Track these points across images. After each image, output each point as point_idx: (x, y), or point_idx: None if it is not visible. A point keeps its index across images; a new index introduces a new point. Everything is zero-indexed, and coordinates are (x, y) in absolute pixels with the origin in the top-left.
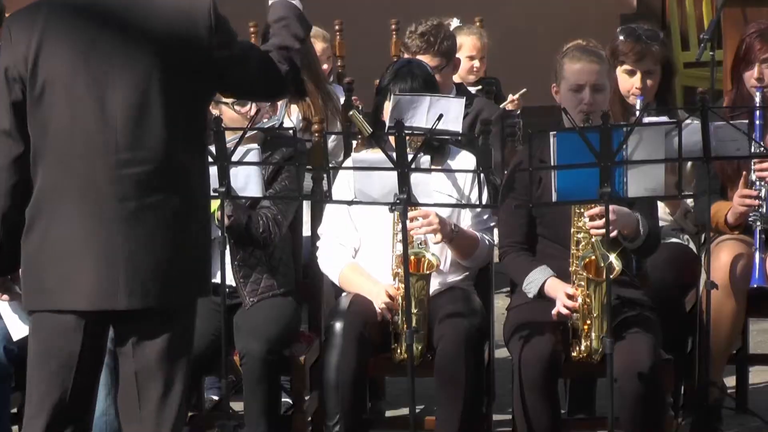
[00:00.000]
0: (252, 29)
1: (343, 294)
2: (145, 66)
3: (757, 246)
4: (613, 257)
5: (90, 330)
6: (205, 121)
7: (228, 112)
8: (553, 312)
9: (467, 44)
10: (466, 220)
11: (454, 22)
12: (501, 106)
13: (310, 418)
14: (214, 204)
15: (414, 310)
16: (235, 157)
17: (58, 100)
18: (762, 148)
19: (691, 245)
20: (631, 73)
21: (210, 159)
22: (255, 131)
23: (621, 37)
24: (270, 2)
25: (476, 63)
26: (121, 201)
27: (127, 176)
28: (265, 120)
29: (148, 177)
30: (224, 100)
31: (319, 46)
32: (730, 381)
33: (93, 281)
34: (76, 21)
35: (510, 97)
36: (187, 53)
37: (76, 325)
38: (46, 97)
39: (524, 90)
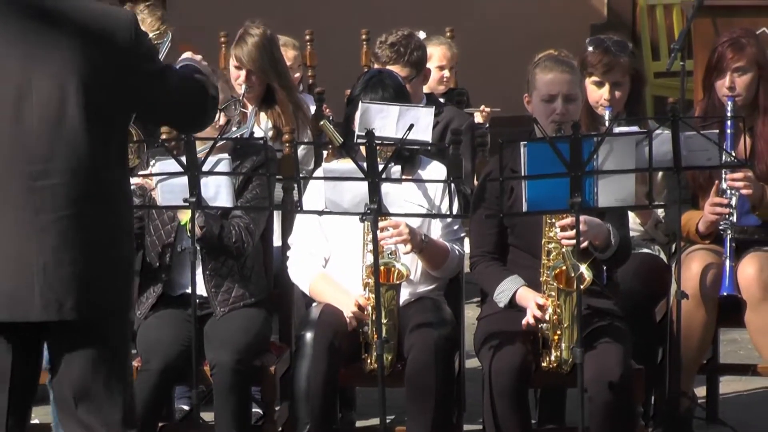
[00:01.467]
0: (222, 39)
1: (314, 304)
2: (62, 77)
3: (728, 254)
4: (583, 267)
5: (19, 345)
6: (126, 136)
7: None
8: (523, 322)
9: (437, 54)
10: (436, 230)
11: (421, 35)
12: (470, 111)
13: (280, 429)
14: (186, 214)
15: (384, 320)
16: (205, 167)
17: None
18: (733, 158)
19: (662, 255)
20: (600, 85)
21: (181, 169)
22: (225, 141)
23: (589, 49)
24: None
25: (446, 73)
26: (37, 213)
27: (43, 188)
28: (235, 129)
29: (64, 189)
30: None
31: (289, 54)
32: (701, 391)
33: (8, 292)
34: None
35: (482, 107)
36: (106, 63)
37: (3, 339)
38: None
39: (497, 109)
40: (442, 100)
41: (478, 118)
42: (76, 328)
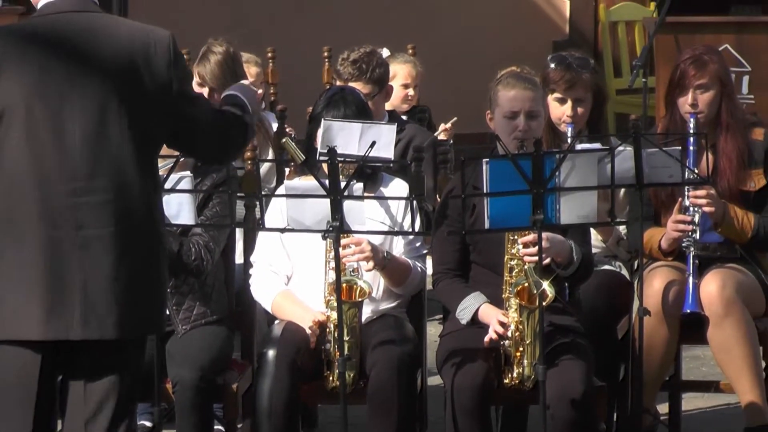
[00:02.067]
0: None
1: (276, 321)
2: (102, 94)
3: (691, 271)
4: (545, 284)
5: (47, 363)
6: (157, 157)
7: None
8: (485, 339)
9: (401, 73)
10: (398, 247)
11: (384, 53)
12: (434, 135)
13: None
14: None
15: (346, 338)
16: (167, 185)
17: (16, 128)
18: (695, 175)
19: (624, 272)
20: (562, 101)
21: None
22: (186, 158)
23: (551, 65)
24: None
25: (410, 91)
26: (78, 229)
27: (85, 204)
28: None
29: (105, 206)
30: None
31: (252, 71)
32: (663, 408)
33: (47, 310)
34: (33, 48)
35: (442, 126)
36: (146, 82)
37: (32, 359)
38: (4, 124)
39: (455, 119)
40: (404, 117)
41: (442, 136)
42: (105, 346)
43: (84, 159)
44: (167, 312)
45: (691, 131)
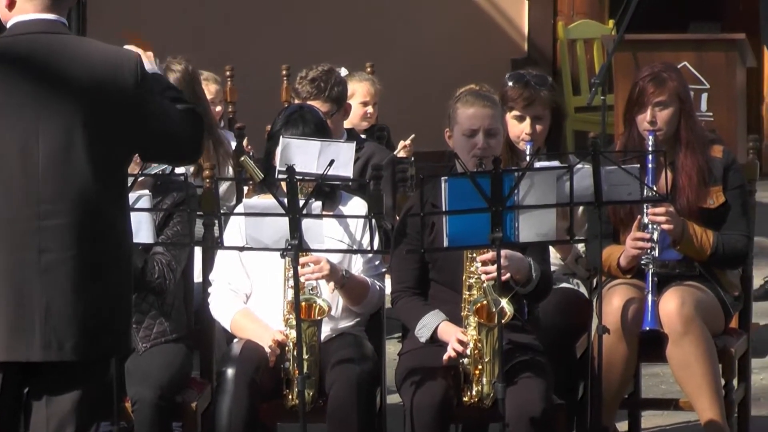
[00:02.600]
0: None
1: (235, 340)
2: (68, 116)
3: (650, 289)
4: (504, 302)
5: (9, 383)
6: (126, 177)
7: None
8: (444, 357)
9: (360, 91)
10: (357, 265)
11: (342, 72)
12: (394, 153)
13: None
14: None
15: (305, 356)
16: None
17: None
18: (654, 192)
19: (582, 290)
20: (520, 119)
21: None
22: (145, 177)
23: (509, 83)
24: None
25: (369, 109)
26: (41, 253)
27: (49, 228)
28: (155, 165)
29: (69, 229)
30: None
31: (211, 89)
32: (623, 425)
33: (9, 332)
34: (1, 69)
35: (402, 143)
36: (112, 105)
37: None
38: None
39: (413, 135)
40: (363, 136)
41: (401, 153)
42: (68, 368)
43: (49, 182)
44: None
45: (650, 149)
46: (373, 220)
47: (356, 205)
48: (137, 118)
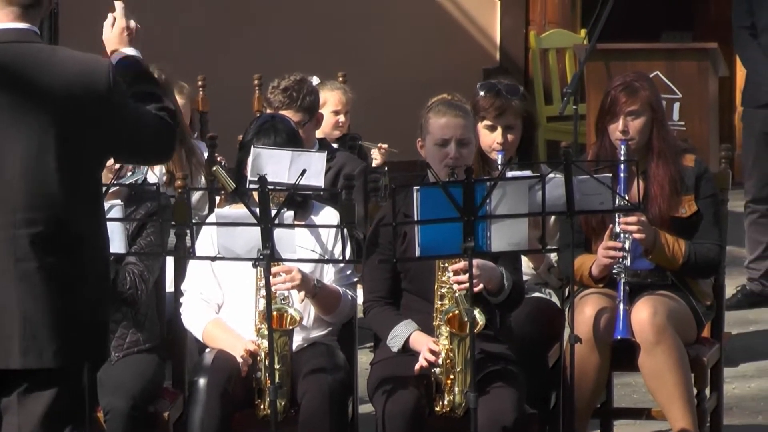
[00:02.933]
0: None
1: (207, 350)
2: (41, 125)
3: (621, 298)
4: (476, 312)
5: None
6: (101, 184)
7: None
8: (416, 366)
9: (332, 100)
10: (329, 275)
11: (314, 80)
12: (367, 145)
13: None
14: None
15: (277, 366)
16: None
17: None
18: (626, 201)
19: (555, 299)
20: (492, 129)
21: None
22: (118, 186)
23: (481, 93)
24: (115, 62)
25: (341, 118)
26: (18, 261)
27: (25, 236)
28: (129, 174)
29: (45, 238)
30: None
31: (180, 100)
32: None
33: None
34: None
35: (380, 144)
36: (84, 113)
37: None
38: None
39: (395, 150)
40: (335, 145)
41: (376, 154)
42: (47, 377)
43: (23, 191)
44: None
45: (622, 158)
46: (345, 230)
47: (328, 215)
48: (110, 125)
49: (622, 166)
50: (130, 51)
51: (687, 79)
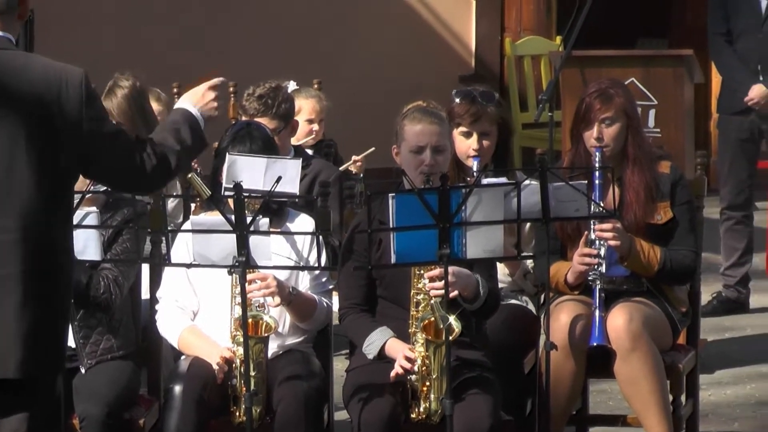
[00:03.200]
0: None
1: (182, 357)
2: (12, 133)
3: (597, 305)
4: (452, 319)
5: None
6: (72, 195)
7: None
8: (392, 373)
9: (306, 108)
10: (304, 282)
11: (291, 85)
12: (342, 167)
13: None
14: None
15: (253, 373)
16: (74, 220)
17: None
18: (601, 208)
19: (530, 306)
20: (468, 135)
21: None
22: (94, 193)
23: (456, 100)
24: (175, 107)
25: (315, 126)
26: None
27: None
28: None
29: (12, 246)
30: None
31: (156, 107)
32: None
33: None
34: None
35: (353, 157)
36: (55, 121)
37: None
38: None
39: (372, 149)
40: (310, 152)
41: (352, 167)
42: (16, 387)
43: None
44: (74, 346)
45: (597, 165)
46: (321, 237)
47: (303, 222)
48: (81, 135)
49: (596, 173)
50: (192, 109)
51: (662, 85)
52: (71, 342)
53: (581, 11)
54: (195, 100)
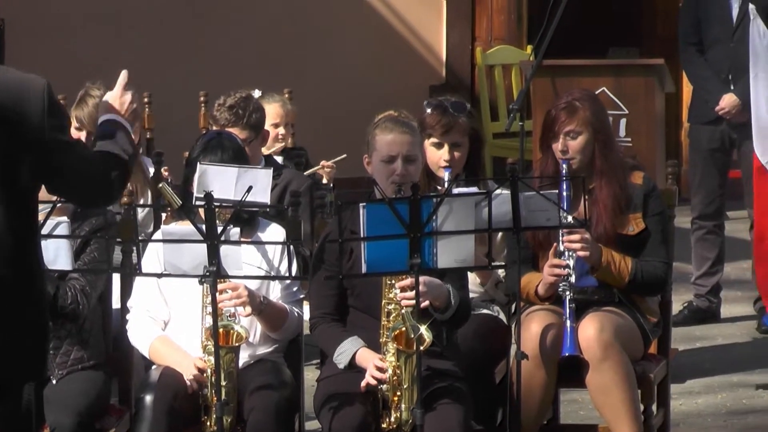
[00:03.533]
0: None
1: (153, 367)
2: None
3: (567, 315)
4: (423, 328)
5: None
6: (36, 204)
7: None
8: (363, 383)
9: (271, 112)
10: (275, 292)
11: (256, 93)
12: (309, 171)
13: None
14: None
15: (224, 383)
16: (45, 230)
17: None
18: (572, 218)
19: (501, 316)
20: (439, 146)
21: None
22: (63, 203)
23: (428, 110)
24: (98, 123)
25: (281, 130)
26: None
27: None
28: None
29: None
30: None
31: None
32: None
33: None
34: None
35: (322, 162)
36: (17, 132)
37: None
38: None
39: (344, 156)
40: (279, 159)
41: (321, 173)
42: None
43: None
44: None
45: (563, 176)
46: (292, 247)
47: (274, 232)
48: (44, 146)
49: (564, 185)
50: (119, 118)
51: (633, 95)
52: None
53: (552, 20)
54: (116, 109)
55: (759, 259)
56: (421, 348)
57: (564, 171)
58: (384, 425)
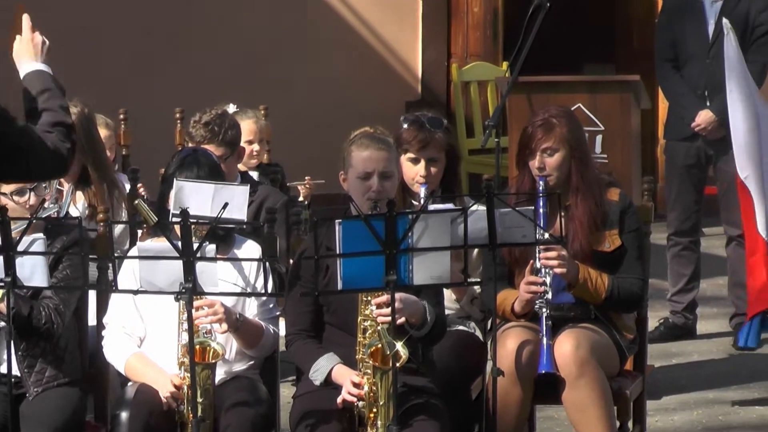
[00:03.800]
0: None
1: (129, 383)
2: None
3: (544, 332)
4: (399, 345)
5: None
6: None
7: (10, 201)
8: (339, 400)
9: (244, 129)
10: (251, 309)
11: (231, 108)
12: (292, 183)
13: None
14: None
15: (200, 400)
16: (21, 247)
17: None
18: (548, 235)
19: (477, 332)
20: (415, 161)
21: None
22: (37, 220)
23: (404, 126)
24: (22, 77)
25: (255, 146)
26: None
27: None
28: (47, 206)
29: None
30: (2, 190)
31: (102, 133)
32: None
33: None
34: None
35: (307, 178)
36: None
37: None
38: None
39: (322, 181)
40: (255, 174)
41: (301, 188)
42: None
43: None
44: (19, 375)
45: (540, 193)
46: (267, 263)
47: (250, 249)
48: None
49: (541, 201)
50: (40, 66)
51: (609, 111)
52: (15, 371)
53: (528, 37)
54: (32, 53)
55: (748, 273)
56: (397, 365)
57: (541, 188)
58: None
